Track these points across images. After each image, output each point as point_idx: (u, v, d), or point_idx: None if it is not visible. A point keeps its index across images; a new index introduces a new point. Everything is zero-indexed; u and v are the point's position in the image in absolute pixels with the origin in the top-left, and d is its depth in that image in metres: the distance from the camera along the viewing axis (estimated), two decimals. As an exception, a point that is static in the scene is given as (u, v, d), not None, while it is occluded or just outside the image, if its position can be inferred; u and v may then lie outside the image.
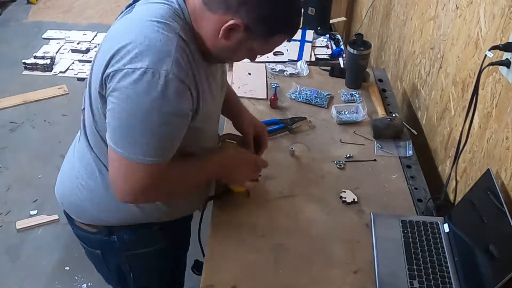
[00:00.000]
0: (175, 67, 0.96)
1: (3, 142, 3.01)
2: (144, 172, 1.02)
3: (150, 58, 0.95)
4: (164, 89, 0.96)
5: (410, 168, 1.53)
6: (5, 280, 2.20)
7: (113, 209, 1.20)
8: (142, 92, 0.95)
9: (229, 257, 1.22)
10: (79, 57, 2.68)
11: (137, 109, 0.97)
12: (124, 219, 1.23)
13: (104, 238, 1.27)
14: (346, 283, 1.17)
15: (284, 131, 1.65)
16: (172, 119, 1.01)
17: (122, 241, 1.27)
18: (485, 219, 1.13)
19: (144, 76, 0.94)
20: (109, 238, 1.26)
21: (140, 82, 0.95)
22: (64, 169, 1.30)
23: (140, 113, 0.97)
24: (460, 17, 1.50)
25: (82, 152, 1.20)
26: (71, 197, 1.25)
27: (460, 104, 1.47)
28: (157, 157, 1.02)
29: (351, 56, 1.82)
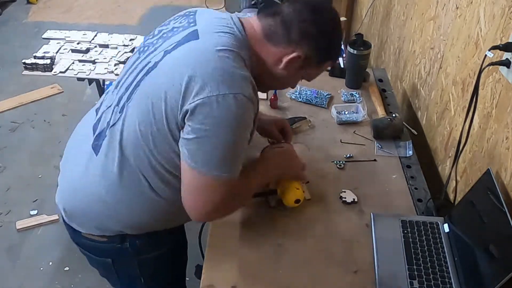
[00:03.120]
0: (252, 90, 1.08)
1: (3, 142, 3.01)
2: (225, 188, 1.10)
3: (233, 84, 1.04)
4: (248, 111, 1.07)
5: (410, 168, 1.53)
6: (5, 280, 2.21)
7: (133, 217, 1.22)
8: (233, 116, 1.04)
9: (229, 257, 1.22)
10: (79, 57, 2.67)
11: (227, 130, 1.05)
12: (140, 230, 1.25)
13: (116, 246, 1.26)
14: (346, 283, 1.17)
15: (284, 131, 1.65)
16: (248, 136, 1.12)
17: (134, 247, 1.27)
18: (485, 219, 1.13)
19: (234, 100, 1.03)
20: (122, 245, 1.26)
21: (232, 106, 1.03)
22: (74, 179, 1.24)
23: (230, 134, 1.06)
24: (460, 17, 1.50)
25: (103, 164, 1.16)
26: (86, 209, 1.23)
27: (460, 104, 1.47)
28: (235, 172, 1.11)
29: (351, 56, 1.82)
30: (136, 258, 1.30)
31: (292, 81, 1.26)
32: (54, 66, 2.61)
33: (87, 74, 2.57)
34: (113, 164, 1.14)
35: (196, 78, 1.03)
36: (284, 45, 1.13)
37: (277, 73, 1.17)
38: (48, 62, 2.59)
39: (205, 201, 1.11)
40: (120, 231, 1.24)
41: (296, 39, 1.12)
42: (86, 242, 1.29)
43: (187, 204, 1.12)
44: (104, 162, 1.16)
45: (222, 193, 1.10)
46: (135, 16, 4.53)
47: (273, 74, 1.17)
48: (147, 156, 1.12)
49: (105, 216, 1.22)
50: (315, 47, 1.14)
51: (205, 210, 1.12)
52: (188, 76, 1.03)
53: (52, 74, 2.59)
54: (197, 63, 1.05)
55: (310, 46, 1.13)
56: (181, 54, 1.09)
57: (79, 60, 2.65)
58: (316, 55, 1.16)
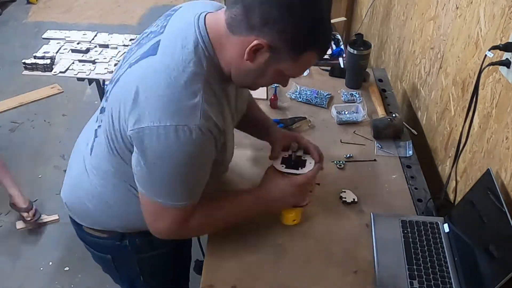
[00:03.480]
0: (203, 119, 0.97)
1: (3, 142, 3.01)
2: (176, 215, 1.07)
3: (178, 114, 0.95)
4: (196, 142, 0.97)
5: (410, 168, 1.53)
6: (5, 280, 2.21)
7: (128, 219, 1.22)
8: (175, 149, 0.97)
9: (229, 257, 1.22)
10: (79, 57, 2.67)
11: (170, 164, 1.00)
12: (138, 228, 1.23)
13: (116, 243, 1.27)
14: (346, 283, 1.17)
15: (284, 131, 1.64)
16: (202, 167, 1.05)
17: (134, 245, 1.27)
18: (485, 219, 1.13)
19: (175, 133, 0.95)
20: (121, 243, 1.27)
21: (172, 139, 0.96)
22: (73, 176, 1.27)
23: (173, 167, 1.00)
24: (460, 17, 1.50)
25: (97, 163, 1.17)
26: (82, 205, 1.24)
27: (460, 104, 1.47)
28: (186, 200, 1.07)
29: (351, 56, 1.82)
30: (136, 256, 1.31)
31: (263, 78, 1.05)
32: (54, 66, 2.61)
33: (87, 74, 2.57)
34: (104, 164, 1.15)
35: (139, 104, 0.97)
36: (246, 33, 0.96)
37: (244, 67, 1.01)
38: (48, 62, 2.59)
39: (158, 224, 1.11)
40: (116, 227, 1.25)
41: (257, 25, 0.95)
42: (88, 237, 1.31)
43: (146, 221, 1.11)
44: (96, 161, 1.17)
45: (173, 219, 1.08)
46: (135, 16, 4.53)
47: (241, 69, 1.02)
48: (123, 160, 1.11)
49: (101, 214, 1.23)
50: (281, 33, 0.95)
51: (159, 232, 1.12)
52: (132, 100, 0.98)
53: (52, 74, 2.59)
54: (144, 87, 0.98)
55: (274, 32, 0.95)
56: (134, 73, 1.03)
57: (79, 60, 2.65)
58: (284, 44, 0.97)
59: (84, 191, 1.22)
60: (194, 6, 1.12)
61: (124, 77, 1.06)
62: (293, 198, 1.23)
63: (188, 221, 1.10)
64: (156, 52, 1.01)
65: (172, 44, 1.01)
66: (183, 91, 0.96)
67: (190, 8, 1.11)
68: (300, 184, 1.21)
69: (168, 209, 1.06)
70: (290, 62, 1.02)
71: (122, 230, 1.26)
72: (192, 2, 1.16)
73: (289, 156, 1.25)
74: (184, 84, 0.96)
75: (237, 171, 1.48)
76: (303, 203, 1.26)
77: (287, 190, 1.20)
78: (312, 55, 1.03)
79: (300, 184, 1.21)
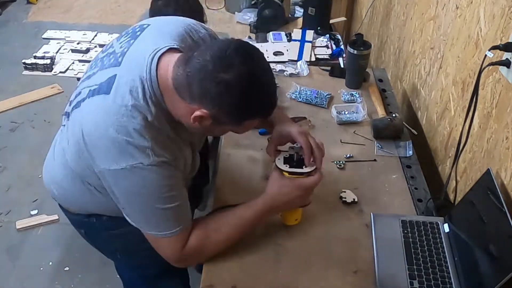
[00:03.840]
0: (155, 157, 1.03)
1: (3, 142, 3.01)
2: (172, 243, 1.12)
3: (131, 156, 1.01)
4: (155, 176, 1.03)
5: (410, 168, 1.53)
6: (5, 280, 2.20)
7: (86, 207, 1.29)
8: (140, 185, 1.04)
9: (229, 257, 1.22)
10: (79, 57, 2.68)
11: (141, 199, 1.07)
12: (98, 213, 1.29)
13: (84, 219, 1.32)
14: (346, 283, 1.17)
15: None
16: (174, 191, 1.09)
17: (101, 222, 1.31)
18: (485, 219, 1.13)
19: (132, 172, 1.02)
20: (89, 219, 1.31)
21: (132, 178, 1.03)
22: (48, 159, 1.33)
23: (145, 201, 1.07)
24: (460, 17, 1.50)
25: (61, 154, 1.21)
26: (53, 187, 1.31)
27: (460, 104, 1.47)
28: (175, 227, 1.10)
29: (351, 56, 1.82)
30: (106, 232, 1.34)
31: (212, 133, 1.18)
32: (54, 66, 2.62)
33: (87, 74, 2.57)
34: (65, 156, 1.19)
35: (96, 147, 1.04)
36: (188, 101, 1.02)
37: (193, 125, 1.05)
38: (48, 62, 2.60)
39: (162, 253, 1.15)
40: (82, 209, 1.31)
41: (197, 97, 1.00)
42: (65, 212, 1.38)
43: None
44: (59, 152, 1.22)
45: (172, 247, 1.12)
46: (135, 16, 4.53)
47: (190, 126, 1.08)
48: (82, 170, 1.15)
49: (63, 197, 1.30)
50: (220, 108, 1.00)
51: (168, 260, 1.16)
52: (88, 141, 1.05)
53: (52, 74, 2.60)
54: (97, 131, 1.04)
55: (214, 106, 1.00)
56: (89, 111, 1.08)
57: (79, 60, 2.66)
58: (225, 115, 1.02)
59: (51, 173, 1.30)
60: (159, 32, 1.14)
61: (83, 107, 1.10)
62: (300, 201, 1.24)
63: (185, 247, 1.13)
64: (109, 91, 1.06)
65: (124, 86, 1.05)
66: (132, 135, 1.02)
67: (154, 33, 1.14)
68: (308, 188, 1.21)
69: (163, 239, 1.11)
70: (233, 127, 1.10)
71: (85, 213, 1.31)
72: (161, 22, 1.19)
73: (290, 156, 1.24)
74: (133, 130, 1.02)
75: (237, 171, 1.48)
76: (306, 203, 1.27)
77: (294, 193, 1.20)
78: (253, 121, 1.08)
79: (308, 187, 1.21)
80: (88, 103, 1.09)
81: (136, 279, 1.55)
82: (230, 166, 1.50)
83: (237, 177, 1.46)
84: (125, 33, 1.20)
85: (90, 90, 1.10)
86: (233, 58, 0.98)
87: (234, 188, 1.42)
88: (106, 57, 1.16)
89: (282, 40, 2.42)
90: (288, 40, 2.42)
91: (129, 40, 1.14)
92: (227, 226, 1.18)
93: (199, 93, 0.99)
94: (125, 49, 1.12)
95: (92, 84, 1.11)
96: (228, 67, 0.97)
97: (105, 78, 1.09)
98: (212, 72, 0.97)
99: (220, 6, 4.54)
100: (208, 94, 0.99)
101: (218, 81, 0.97)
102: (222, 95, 0.98)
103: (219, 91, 0.98)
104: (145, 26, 1.16)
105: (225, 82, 0.97)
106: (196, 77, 0.99)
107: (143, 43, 1.12)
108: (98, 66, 1.16)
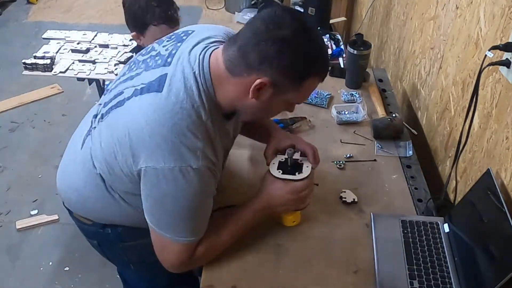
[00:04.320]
0: (204, 160, 1.02)
1: (3, 142, 3.01)
2: (182, 249, 1.11)
3: (181, 156, 1.00)
4: (198, 181, 1.03)
5: (410, 168, 1.53)
6: (5, 280, 2.21)
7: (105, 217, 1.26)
8: (180, 188, 1.02)
9: (229, 257, 1.22)
10: (79, 57, 2.67)
11: (176, 202, 1.05)
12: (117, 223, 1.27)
13: (99, 230, 1.30)
14: (346, 283, 1.17)
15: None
16: (206, 202, 1.10)
17: (116, 234, 1.29)
18: (485, 219, 1.13)
19: (179, 174, 1.00)
20: (104, 230, 1.29)
21: (177, 180, 1.01)
22: (65, 161, 1.30)
23: (179, 205, 1.05)
24: (460, 17, 1.50)
25: (85, 159, 1.18)
26: (68, 192, 1.28)
27: (460, 104, 1.47)
28: (193, 236, 1.11)
29: (351, 56, 1.82)
30: (120, 244, 1.33)
31: (271, 111, 1.14)
32: (54, 66, 2.61)
33: (87, 74, 2.57)
34: (91, 164, 1.17)
35: (144, 144, 1.02)
36: (246, 74, 1.01)
37: (251, 104, 1.05)
38: (48, 62, 2.59)
39: (165, 257, 1.15)
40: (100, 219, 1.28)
41: (255, 65, 0.99)
42: (77, 223, 1.35)
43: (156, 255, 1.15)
44: (84, 157, 1.19)
45: (180, 253, 1.12)
46: (135, 16, 4.53)
47: (247, 107, 1.07)
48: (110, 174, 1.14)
49: (81, 205, 1.27)
50: (280, 68, 0.99)
51: (167, 265, 1.15)
52: (136, 137, 1.02)
53: (52, 74, 2.59)
54: (149, 127, 1.01)
55: (273, 68, 0.99)
56: (139, 108, 1.05)
57: (79, 60, 2.65)
58: (285, 78, 1.02)
59: (70, 180, 1.26)
60: (205, 33, 1.15)
61: (126, 107, 1.08)
62: (293, 204, 1.23)
63: (194, 255, 1.13)
64: (162, 89, 1.04)
65: (178, 83, 1.04)
66: (186, 134, 1.00)
67: (201, 35, 1.14)
68: (299, 191, 1.20)
69: (176, 244, 1.10)
70: (293, 92, 1.07)
71: (102, 222, 1.29)
72: (204, 27, 1.19)
73: (286, 160, 1.24)
74: (187, 128, 1.01)
75: (237, 171, 1.48)
76: (302, 207, 1.26)
77: (286, 197, 1.20)
78: (314, 79, 1.08)
79: (299, 190, 1.20)
80: (136, 101, 1.06)
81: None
82: (230, 166, 1.50)
83: (237, 177, 1.47)
84: (167, 38, 1.19)
85: (136, 89, 1.08)
86: (284, 17, 0.99)
87: (234, 188, 1.42)
88: (150, 59, 1.14)
89: (282, 40, 2.42)
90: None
91: (175, 43, 1.14)
92: (226, 229, 1.19)
93: (257, 58, 0.99)
94: (173, 51, 1.11)
95: (138, 83, 1.09)
96: (281, 25, 0.98)
97: (155, 77, 1.07)
98: (267, 32, 0.97)
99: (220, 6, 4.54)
100: (267, 56, 0.98)
101: (274, 38, 0.97)
102: (281, 53, 0.98)
103: (278, 48, 0.97)
104: (190, 32, 1.16)
105: (282, 39, 0.97)
106: (250, 43, 0.99)
107: (192, 44, 1.11)
108: (141, 68, 1.14)
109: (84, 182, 1.20)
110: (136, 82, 1.10)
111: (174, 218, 1.08)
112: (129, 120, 1.05)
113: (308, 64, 1.03)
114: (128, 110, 1.07)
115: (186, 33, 1.16)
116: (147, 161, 1.02)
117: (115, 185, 1.15)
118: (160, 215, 1.09)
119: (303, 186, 1.20)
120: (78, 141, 1.23)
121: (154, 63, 1.11)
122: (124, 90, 1.11)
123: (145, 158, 1.02)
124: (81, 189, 1.22)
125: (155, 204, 1.07)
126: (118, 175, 1.11)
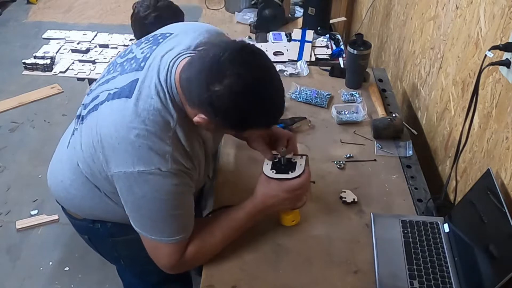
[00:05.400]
0: (174, 163, 1.03)
1: (3, 142, 3.01)
2: (172, 250, 1.12)
3: (150, 160, 1.02)
4: (170, 182, 1.04)
5: (410, 168, 1.53)
6: (5, 280, 2.20)
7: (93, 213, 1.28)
8: (153, 189, 1.04)
9: (229, 257, 1.22)
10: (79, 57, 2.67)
11: (152, 204, 1.06)
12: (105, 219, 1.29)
13: (89, 225, 1.32)
14: (346, 283, 1.17)
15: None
16: (184, 200, 1.10)
17: (106, 229, 1.31)
18: (485, 219, 1.13)
19: (149, 176, 1.02)
20: (94, 225, 1.31)
21: (148, 183, 1.03)
22: (54, 160, 1.33)
23: (156, 206, 1.07)
24: (460, 17, 1.50)
25: (71, 158, 1.20)
26: (58, 189, 1.30)
27: (460, 104, 1.47)
28: (179, 234, 1.11)
29: (351, 56, 1.82)
30: (110, 239, 1.34)
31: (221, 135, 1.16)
32: (54, 66, 2.61)
33: (87, 74, 2.57)
34: (76, 163, 1.18)
35: (114, 150, 1.04)
36: (190, 106, 1.03)
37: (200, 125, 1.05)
38: (48, 62, 2.59)
39: (158, 260, 1.15)
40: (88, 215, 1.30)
41: (196, 103, 1.00)
42: (69, 218, 1.37)
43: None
44: (69, 157, 1.22)
45: (170, 254, 1.12)
46: (135, 16, 4.53)
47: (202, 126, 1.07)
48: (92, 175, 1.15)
49: (70, 202, 1.29)
50: (219, 116, 0.98)
51: (162, 267, 1.16)
52: (107, 142, 1.05)
53: (52, 74, 2.59)
54: (117, 134, 1.03)
55: (212, 113, 0.99)
56: (110, 113, 1.07)
57: (79, 60, 2.65)
58: (225, 123, 1.01)
59: (58, 178, 1.28)
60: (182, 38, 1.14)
61: (99, 112, 1.10)
62: (289, 203, 1.23)
63: (185, 255, 1.14)
64: (131, 95, 1.05)
65: (147, 89, 1.05)
66: (154, 140, 1.02)
67: (177, 40, 1.14)
68: (294, 189, 1.19)
69: (164, 245, 1.11)
70: (236, 133, 1.11)
71: (91, 218, 1.31)
72: (183, 30, 1.18)
73: (279, 159, 1.23)
74: (154, 135, 1.02)
75: (237, 171, 1.48)
76: (299, 205, 1.26)
77: (281, 196, 1.20)
78: (255, 130, 1.09)
79: (294, 189, 1.19)
80: (108, 106, 1.08)
81: (138, 285, 1.56)
82: (230, 166, 1.50)
83: (237, 177, 1.47)
84: (145, 39, 1.20)
85: (109, 93, 1.10)
86: (226, 67, 0.95)
87: (234, 188, 1.42)
88: (126, 62, 1.15)
89: (282, 40, 2.43)
90: (288, 40, 2.42)
91: (151, 46, 1.14)
92: (220, 229, 1.19)
93: (197, 100, 1.00)
94: (147, 54, 1.12)
95: (112, 87, 1.11)
96: (220, 77, 0.94)
97: (127, 82, 1.09)
98: (205, 82, 0.96)
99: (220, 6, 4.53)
100: (204, 103, 0.98)
101: (210, 92, 0.95)
102: (214, 106, 0.97)
103: (212, 101, 0.96)
104: (168, 34, 1.17)
105: (216, 93, 0.95)
106: (193, 84, 0.99)
107: (166, 49, 1.12)
108: (117, 71, 1.15)
109: (71, 180, 1.22)
110: (110, 86, 1.12)
111: (155, 220, 1.09)
112: (101, 125, 1.07)
113: (244, 120, 1.01)
114: (101, 115, 1.09)
115: (164, 36, 1.16)
116: (118, 166, 1.04)
117: (99, 185, 1.16)
118: (141, 218, 1.10)
119: (298, 184, 1.19)
120: (65, 140, 1.28)
121: (129, 66, 1.13)
122: (100, 94, 1.14)
123: (115, 163, 1.05)
124: (68, 187, 1.24)
125: (133, 208, 1.10)
126: (98, 177, 1.13)
